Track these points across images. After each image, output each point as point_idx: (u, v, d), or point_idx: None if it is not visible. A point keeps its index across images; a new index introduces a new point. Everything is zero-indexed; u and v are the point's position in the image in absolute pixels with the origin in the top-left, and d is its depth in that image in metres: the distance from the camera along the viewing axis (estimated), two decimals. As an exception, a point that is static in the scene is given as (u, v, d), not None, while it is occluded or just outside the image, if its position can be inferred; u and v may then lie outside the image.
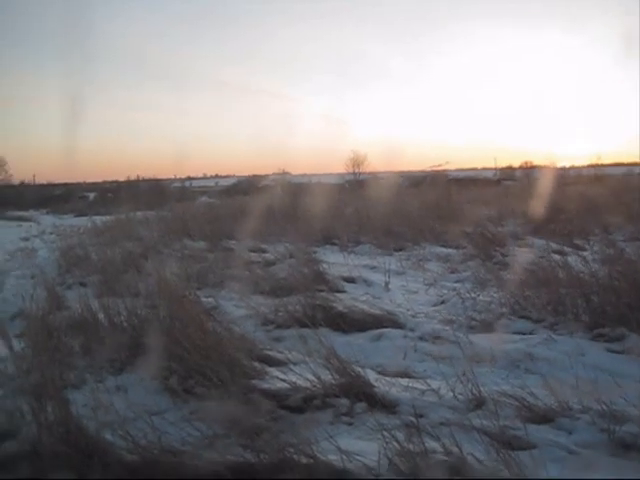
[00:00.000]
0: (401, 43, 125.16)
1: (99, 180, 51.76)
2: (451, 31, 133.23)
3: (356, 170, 45.47)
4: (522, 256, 8.14)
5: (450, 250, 9.80)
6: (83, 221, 18.11)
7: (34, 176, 48.97)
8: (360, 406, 3.71)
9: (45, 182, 49.75)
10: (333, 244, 11.09)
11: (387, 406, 3.69)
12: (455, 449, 2.82)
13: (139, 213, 16.53)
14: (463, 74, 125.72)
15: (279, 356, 4.59)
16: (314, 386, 3.88)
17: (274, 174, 42.41)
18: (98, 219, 16.59)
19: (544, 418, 3.41)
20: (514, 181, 31.30)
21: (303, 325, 5.12)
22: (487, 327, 5.43)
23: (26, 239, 15.07)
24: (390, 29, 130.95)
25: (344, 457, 2.86)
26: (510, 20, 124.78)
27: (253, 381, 4.02)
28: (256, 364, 4.29)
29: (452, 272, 8.15)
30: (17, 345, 4.61)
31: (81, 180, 52.23)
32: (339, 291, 6.83)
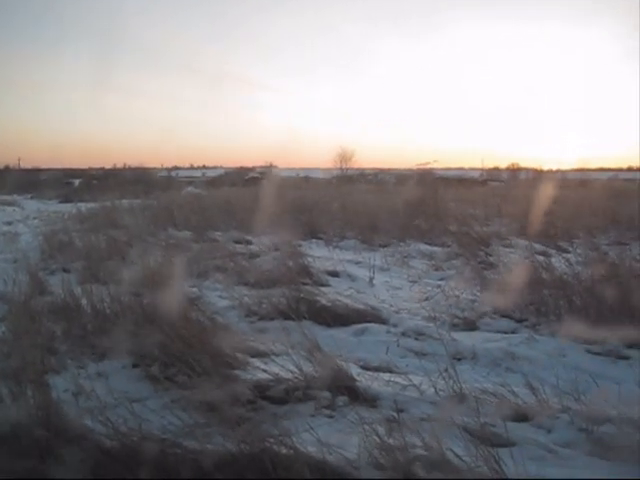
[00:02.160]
0: (392, 41, 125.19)
1: (85, 167, 51.37)
2: (442, 31, 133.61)
3: (344, 166, 45.53)
4: (506, 256, 8.19)
5: (435, 248, 9.82)
6: (68, 207, 18.01)
7: (19, 160, 48.66)
8: (341, 399, 3.72)
9: (30, 167, 49.39)
10: (319, 238, 11.10)
11: (368, 400, 3.70)
12: (435, 444, 2.83)
13: (125, 201, 16.45)
14: (454, 75, 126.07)
15: (262, 347, 4.59)
16: (296, 378, 3.88)
17: (261, 167, 42.43)
18: (83, 206, 16.51)
19: (524, 416, 3.44)
20: (500, 182, 31.46)
21: (287, 317, 5.13)
22: (470, 325, 5.46)
23: (9, 223, 14.97)
24: (382, 26, 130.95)
25: (324, 449, 2.87)
26: (502, 23, 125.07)
27: (235, 371, 4.02)
28: (239, 354, 4.29)
29: (436, 270, 8.17)
30: (-2, 329, 4.59)
31: (67, 166, 51.80)
32: (323, 285, 6.84)
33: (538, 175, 32.60)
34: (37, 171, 46.28)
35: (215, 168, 55.96)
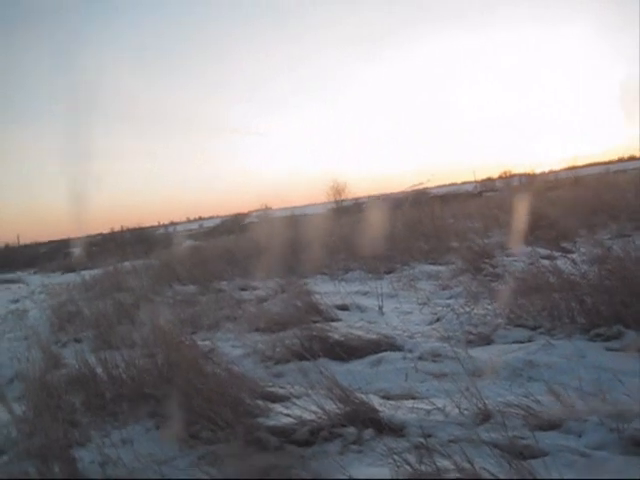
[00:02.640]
0: (370, 66, 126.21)
1: (83, 234, 51.42)
2: (422, 48, 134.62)
3: (337, 198, 45.59)
4: (512, 265, 8.19)
5: (439, 267, 9.81)
6: (71, 277, 18.03)
7: (18, 237, 48.75)
8: (368, 432, 3.70)
9: (30, 242, 49.48)
10: (323, 273, 11.10)
11: (394, 430, 3.68)
12: (467, 465, 2.81)
13: (127, 263, 16.47)
14: (436, 92, 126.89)
15: (281, 391, 4.57)
16: (319, 418, 3.87)
17: (257, 210, 42.57)
18: (86, 274, 16.53)
19: (552, 424, 3.41)
20: (495, 192, 31.51)
21: (302, 358, 5.13)
22: (485, 340, 5.44)
23: (16, 301, 14.98)
24: (361, 50, 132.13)
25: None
26: (482, 33, 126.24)
27: (258, 419, 4.00)
28: (259, 402, 4.27)
29: (444, 289, 8.15)
30: (17, 408, 4.58)
31: (65, 236, 51.92)
32: (334, 320, 6.82)
33: (531, 179, 32.70)
34: (37, 245, 46.37)
35: (211, 218, 56.14)
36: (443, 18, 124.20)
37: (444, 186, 45.16)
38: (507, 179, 39.76)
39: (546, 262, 7.04)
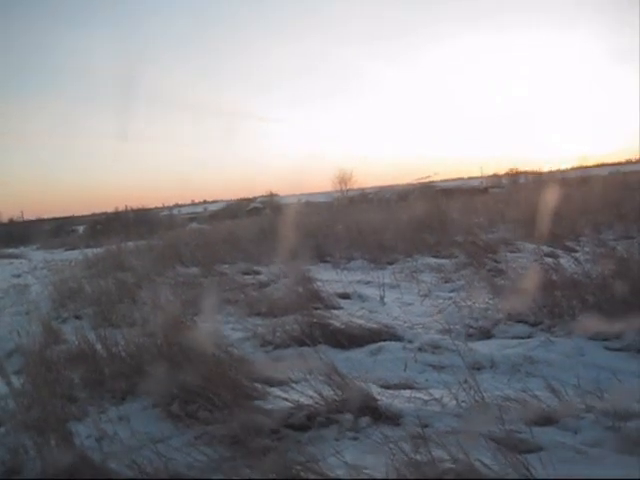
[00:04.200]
0: (381, 59, 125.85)
1: (88, 213, 51.56)
2: (433, 43, 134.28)
3: (343, 187, 45.62)
4: (515, 261, 8.18)
5: (443, 260, 9.80)
6: (74, 254, 18.07)
7: (22, 212, 48.85)
8: (364, 420, 3.71)
9: (34, 218, 49.59)
10: (326, 262, 11.11)
11: (391, 418, 3.69)
12: (462, 456, 2.81)
13: (130, 243, 16.47)
14: (445, 88, 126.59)
15: (280, 376, 4.58)
16: (317, 403, 3.87)
17: (262, 196, 42.58)
18: (89, 251, 16.53)
19: (549, 420, 3.42)
20: (501, 188, 31.48)
21: (302, 344, 5.14)
22: (485, 334, 5.45)
23: (18, 276, 15.00)
24: (371, 45, 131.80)
25: (352, 472, 2.86)
26: (492, 29, 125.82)
27: (256, 402, 4.01)
28: (257, 385, 4.28)
29: (446, 282, 8.15)
30: (16, 381, 4.59)
31: (69, 214, 52.01)
32: (335, 308, 6.83)
33: (538, 177, 32.66)
34: (41, 221, 46.47)
35: (216, 202, 56.13)
36: (457, 13, 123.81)
37: (450, 180, 45.14)
38: (514, 176, 39.69)
39: (549, 260, 7.03)
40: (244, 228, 15.92)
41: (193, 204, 64.44)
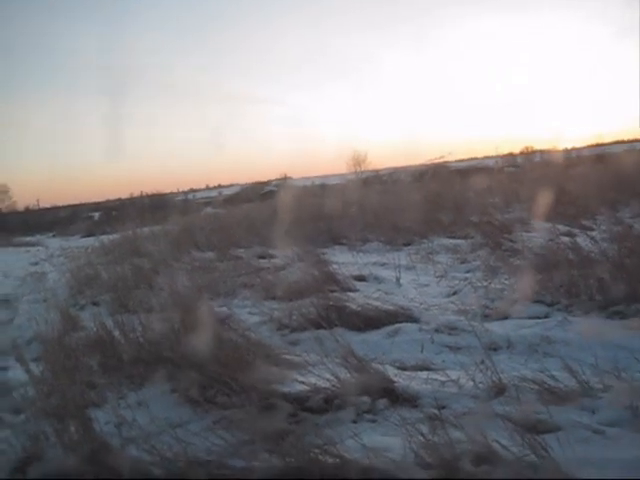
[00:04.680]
0: (395, 42, 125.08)
1: (103, 199, 51.74)
2: (442, 27, 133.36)
3: (357, 169, 45.47)
4: (531, 241, 8.14)
5: (458, 241, 9.79)
6: (90, 241, 18.11)
7: (38, 201, 49.11)
8: (382, 402, 3.72)
9: (49, 205, 49.85)
10: (341, 244, 11.10)
11: (408, 400, 3.70)
12: (480, 437, 2.82)
13: (145, 229, 16.50)
14: (458, 65, 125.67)
15: (297, 359, 4.59)
16: (334, 386, 3.88)
17: (276, 179, 42.54)
18: (105, 238, 16.57)
19: (566, 400, 3.41)
20: (516, 167, 31.24)
21: (318, 327, 5.15)
22: (502, 314, 5.42)
23: (35, 264, 15.09)
24: (383, 29, 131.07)
25: (370, 454, 2.87)
26: (503, 6, 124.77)
27: (273, 386, 4.02)
28: (275, 369, 4.29)
29: (462, 262, 8.14)
30: (35, 369, 4.63)
31: (85, 200, 52.20)
32: (351, 290, 6.83)
33: (553, 156, 32.41)
34: (56, 209, 46.72)
35: (231, 186, 56.07)
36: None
37: (465, 160, 44.82)
38: (529, 155, 39.39)
39: (566, 239, 7.00)
40: (259, 212, 15.93)
41: (208, 189, 64.41)
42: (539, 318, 5.15)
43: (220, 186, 64.02)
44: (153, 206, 32.08)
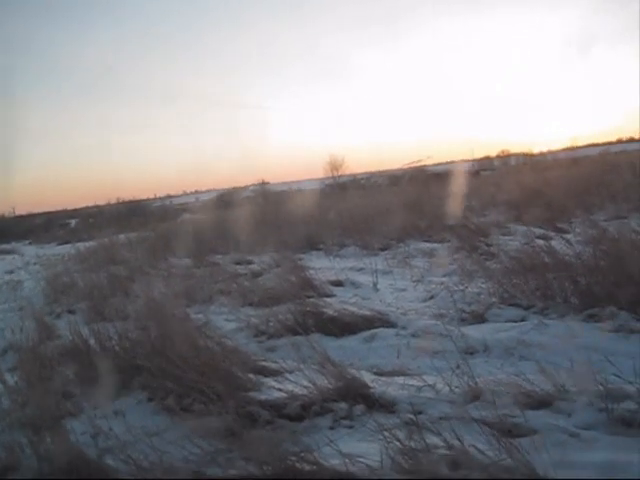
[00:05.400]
0: (369, 45, 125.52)
1: (79, 206, 51.41)
2: (422, 27, 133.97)
3: (335, 173, 45.50)
4: (507, 244, 8.19)
5: (435, 245, 9.84)
6: (66, 249, 17.99)
7: (13, 208, 48.64)
8: (358, 408, 3.72)
9: (25, 213, 49.43)
10: (318, 249, 11.11)
11: (385, 406, 3.70)
12: (456, 442, 2.82)
13: (122, 236, 16.43)
14: (434, 70, 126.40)
15: (274, 366, 4.59)
16: (311, 393, 3.88)
17: (253, 185, 42.48)
18: (81, 245, 16.48)
19: (542, 403, 3.43)
20: (492, 171, 31.47)
21: (295, 333, 5.14)
22: (478, 318, 5.45)
23: (10, 272, 14.95)
24: (361, 28, 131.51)
25: (347, 460, 2.87)
26: (480, 8, 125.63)
27: (250, 393, 4.01)
28: (251, 376, 4.28)
29: (438, 267, 8.16)
30: (10, 379, 4.59)
31: (61, 208, 51.84)
32: (328, 295, 6.83)
33: (529, 159, 32.67)
34: (32, 216, 46.33)
35: (208, 192, 55.96)
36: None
37: (442, 164, 45.03)
38: (505, 158, 39.68)
39: (541, 242, 7.05)
40: (236, 217, 15.88)
41: (185, 194, 64.28)
42: (515, 321, 5.17)
43: (197, 192, 63.90)
44: (130, 213, 31.95)
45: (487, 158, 43.69)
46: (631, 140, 47.70)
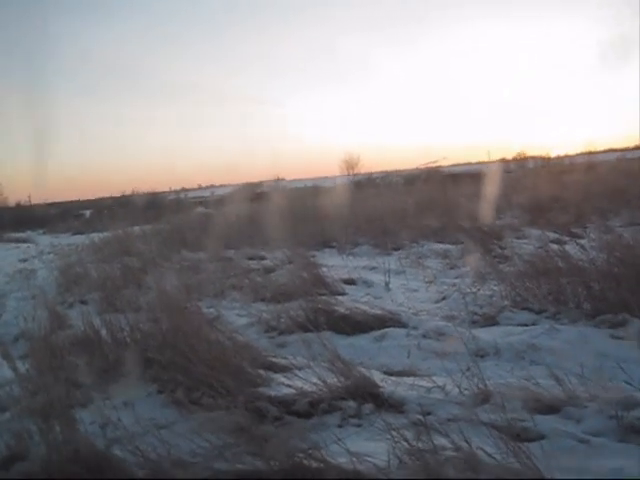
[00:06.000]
0: (390, 45, 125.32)
1: (95, 197, 51.51)
2: (438, 31, 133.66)
3: (350, 172, 45.48)
4: (520, 248, 8.16)
5: (448, 246, 9.80)
6: (81, 239, 18.06)
7: (29, 197, 48.77)
8: (367, 407, 3.71)
9: (41, 202, 49.52)
10: (331, 247, 11.11)
11: (394, 406, 3.69)
12: (464, 444, 2.81)
13: (136, 228, 16.45)
14: (455, 73, 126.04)
15: (284, 362, 4.59)
16: (320, 390, 3.88)
17: (269, 181, 42.48)
18: (95, 236, 16.50)
19: (551, 408, 3.41)
20: (509, 173, 31.30)
21: (306, 330, 5.14)
22: (489, 321, 5.44)
23: (25, 260, 14.99)
24: (378, 32, 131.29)
25: (354, 459, 2.86)
26: (497, 13, 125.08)
27: (259, 389, 4.02)
28: (261, 371, 4.29)
29: (451, 268, 8.16)
30: (21, 367, 4.61)
31: (76, 198, 51.99)
32: (340, 294, 6.83)
33: (546, 162, 32.49)
34: (48, 205, 46.42)
35: (223, 186, 55.91)
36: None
37: (458, 165, 44.88)
38: (521, 161, 39.45)
39: (555, 246, 7.01)
40: (250, 213, 15.88)
41: (200, 188, 64.24)
42: (527, 325, 5.15)
43: (213, 186, 63.87)
44: (145, 205, 31.98)
45: (503, 160, 43.46)
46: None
